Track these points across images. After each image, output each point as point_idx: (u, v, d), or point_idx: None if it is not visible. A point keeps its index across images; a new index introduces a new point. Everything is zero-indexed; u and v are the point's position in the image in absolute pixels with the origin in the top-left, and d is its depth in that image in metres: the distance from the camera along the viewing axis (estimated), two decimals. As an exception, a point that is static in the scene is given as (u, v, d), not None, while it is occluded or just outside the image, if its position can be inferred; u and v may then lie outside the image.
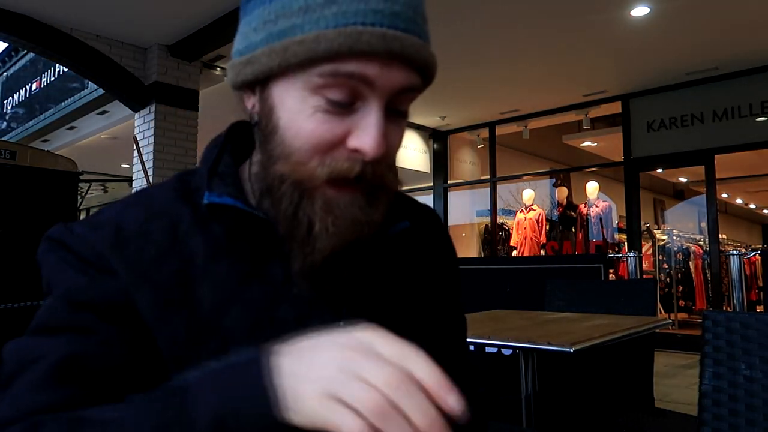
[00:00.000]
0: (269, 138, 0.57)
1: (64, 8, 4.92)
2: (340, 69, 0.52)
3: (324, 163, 0.54)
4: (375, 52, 0.52)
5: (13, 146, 5.08)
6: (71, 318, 0.53)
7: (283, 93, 0.56)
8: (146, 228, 0.57)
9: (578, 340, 1.64)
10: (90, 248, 0.55)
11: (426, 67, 0.58)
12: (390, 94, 0.55)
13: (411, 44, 0.54)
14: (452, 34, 5.37)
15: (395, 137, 0.58)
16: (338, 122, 0.54)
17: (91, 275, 0.55)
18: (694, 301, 7.95)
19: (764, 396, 1.12)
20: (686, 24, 5.14)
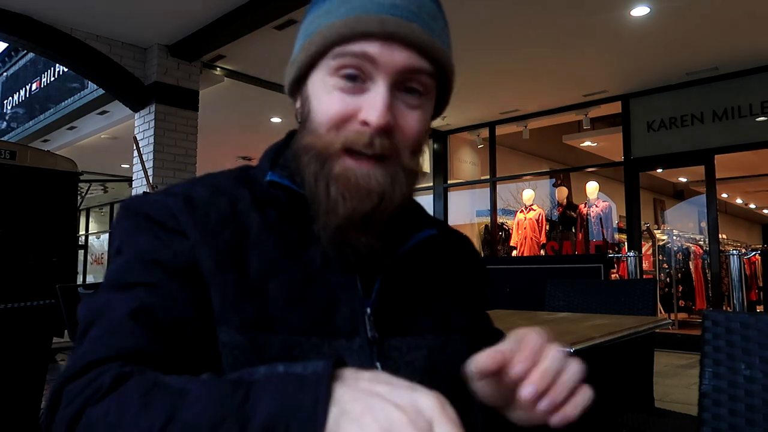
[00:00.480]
0: (306, 123, 0.67)
1: (64, 8, 4.92)
2: (347, 49, 0.62)
3: (339, 134, 0.62)
4: (373, 33, 0.61)
5: (13, 146, 5.08)
6: (142, 274, 0.60)
7: (314, 82, 0.66)
8: (212, 199, 0.65)
9: (578, 340, 1.64)
10: (165, 210, 0.63)
11: (429, 52, 0.64)
12: (395, 73, 0.63)
13: (408, 28, 0.62)
14: (452, 34, 5.36)
15: (411, 119, 0.65)
16: (351, 99, 0.63)
17: (162, 238, 0.62)
18: (694, 301, 7.95)
19: (764, 396, 1.12)
20: (686, 24, 5.14)
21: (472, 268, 0.82)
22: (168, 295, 0.59)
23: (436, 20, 0.67)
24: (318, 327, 0.62)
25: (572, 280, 3.17)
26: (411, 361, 0.66)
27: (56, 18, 5.10)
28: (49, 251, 4.98)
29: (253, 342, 0.60)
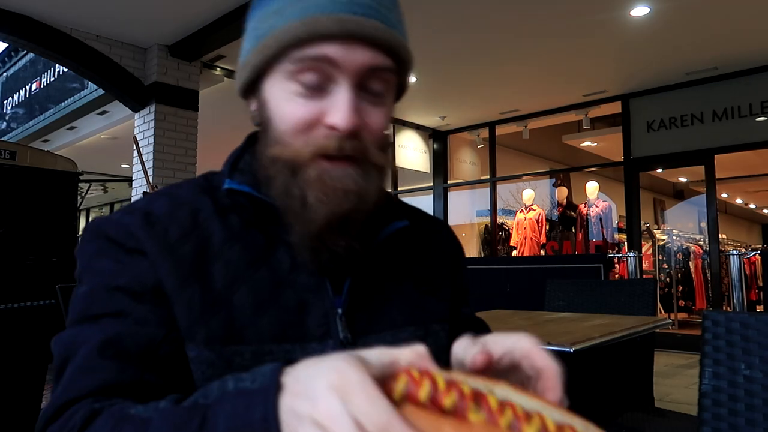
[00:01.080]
0: (266, 129, 0.64)
1: (64, 8, 4.92)
2: (307, 53, 0.60)
3: (307, 142, 0.61)
4: (332, 34, 0.59)
5: (13, 146, 5.08)
6: (107, 303, 0.59)
7: (271, 86, 0.63)
8: (172, 213, 0.64)
9: (578, 340, 1.64)
10: (123, 229, 0.62)
11: (392, 48, 0.62)
12: (358, 74, 0.60)
13: (369, 26, 0.60)
14: (452, 34, 5.37)
15: (376, 117, 0.63)
16: (314, 104, 0.61)
17: (123, 261, 0.61)
18: (694, 301, 7.95)
19: (764, 396, 1.12)
20: (686, 24, 5.14)
21: (448, 255, 0.80)
22: (136, 321, 0.59)
23: (392, 11, 0.64)
24: (289, 332, 0.62)
25: (572, 280, 3.17)
26: None
27: (56, 18, 5.10)
28: (49, 251, 4.99)
29: (221, 356, 0.59)
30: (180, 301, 0.60)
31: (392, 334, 0.67)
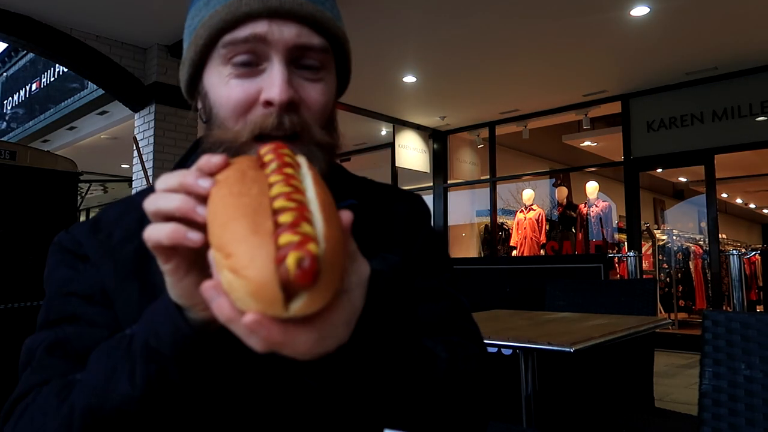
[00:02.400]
0: (209, 120, 0.65)
1: (64, 8, 4.92)
2: (236, 36, 0.61)
3: (246, 123, 0.61)
4: (255, 12, 0.60)
5: (13, 146, 5.08)
6: (63, 308, 0.63)
7: (210, 77, 0.65)
8: (120, 218, 0.68)
9: (578, 340, 1.64)
10: (72, 239, 0.67)
11: (318, 23, 0.63)
12: (288, 49, 0.61)
13: (293, 2, 0.61)
14: (452, 34, 5.37)
15: (314, 92, 0.63)
16: (249, 84, 0.62)
17: (77, 268, 0.65)
18: (694, 301, 7.95)
19: (764, 396, 1.12)
20: (686, 24, 5.14)
21: (402, 227, 0.76)
22: (87, 322, 0.62)
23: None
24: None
25: (572, 280, 3.17)
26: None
27: (56, 18, 5.10)
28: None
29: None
30: (120, 298, 0.63)
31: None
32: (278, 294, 0.38)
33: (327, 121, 0.65)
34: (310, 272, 0.37)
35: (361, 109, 7.59)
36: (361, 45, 5.61)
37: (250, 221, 0.40)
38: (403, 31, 5.34)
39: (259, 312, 0.38)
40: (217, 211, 0.43)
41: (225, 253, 0.39)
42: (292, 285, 0.38)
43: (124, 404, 0.51)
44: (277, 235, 0.39)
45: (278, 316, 0.38)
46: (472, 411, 0.65)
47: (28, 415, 0.56)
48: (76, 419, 0.52)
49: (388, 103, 7.53)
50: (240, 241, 0.39)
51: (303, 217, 0.40)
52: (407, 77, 6.56)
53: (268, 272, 0.38)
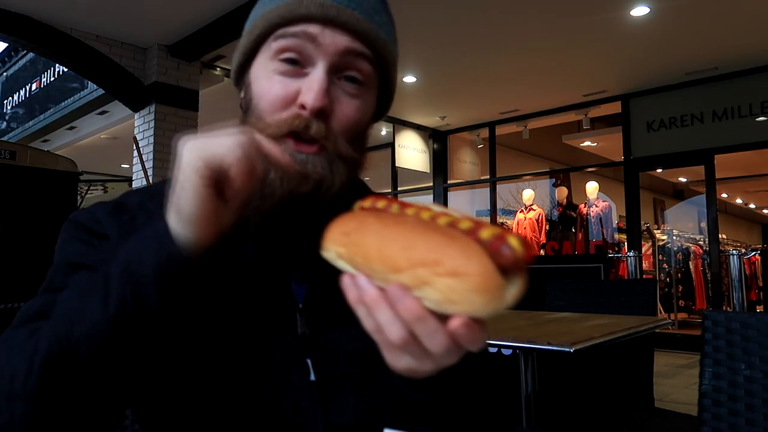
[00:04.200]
0: (248, 110, 0.66)
1: (64, 8, 4.92)
2: (288, 30, 0.63)
3: (277, 120, 0.62)
4: (312, 15, 0.62)
5: (13, 146, 5.08)
6: (68, 277, 0.62)
7: (257, 68, 0.66)
8: (143, 204, 0.67)
9: (578, 340, 1.64)
10: (92, 217, 0.66)
11: (369, 38, 0.64)
12: (334, 55, 0.63)
13: (348, 14, 0.63)
14: (452, 34, 5.37)
15: (348, 107, 0.64)
16: (291, 82, 0.63)
17: (93, 244, 0.64)
18: (694, 301, 7.95)
19: (764, 396, 1.12)
20: (686, 24, 5.14)
21: None
22: None
23: (378, 13, 0.67)
24: (247, 324, 0.62)
25: (572, 280, 3.17)
26: (352, 351, 0.65)
27: (56, 18, 5.10)
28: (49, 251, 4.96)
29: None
30: None
31: (356, 328, 0.66)
32: (501, 281, 0.40)
33: (356, 137, 0.66)
34: (530, 250, 0.41)
35: (361, 109, 7.58)
36: (361, 45, 5.61)
37: (437, 234, 0.42)
38: (403, 31, 5.32)
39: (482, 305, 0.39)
40: (385, 241, 0.44)
41: (431, 265, 0.40)
42: (508, 270, 0.41)
43: (93, 329, 0.50)
44: (474, 235, 0.41)
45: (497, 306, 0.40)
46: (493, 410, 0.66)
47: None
48: (41, 349, 0.50)
49: (388, 103, 7.53)
50: (442, 249, 0.40)
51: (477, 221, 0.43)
52: (407, 77, 6.56)
53: (487, 263, 0.40)
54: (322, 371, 0.63)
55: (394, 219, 0.46)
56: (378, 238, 0.44)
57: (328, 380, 0.63)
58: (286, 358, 0.62)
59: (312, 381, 0.63)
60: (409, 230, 0.43)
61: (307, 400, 0.62)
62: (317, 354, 0.64)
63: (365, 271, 0.45)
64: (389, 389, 0.63)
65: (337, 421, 0.62)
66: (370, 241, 0.45)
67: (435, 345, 0.43)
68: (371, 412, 0.64)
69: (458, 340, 0.42)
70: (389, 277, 0.43)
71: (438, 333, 0.43)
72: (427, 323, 0.42)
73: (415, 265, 0.41)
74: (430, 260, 0.41)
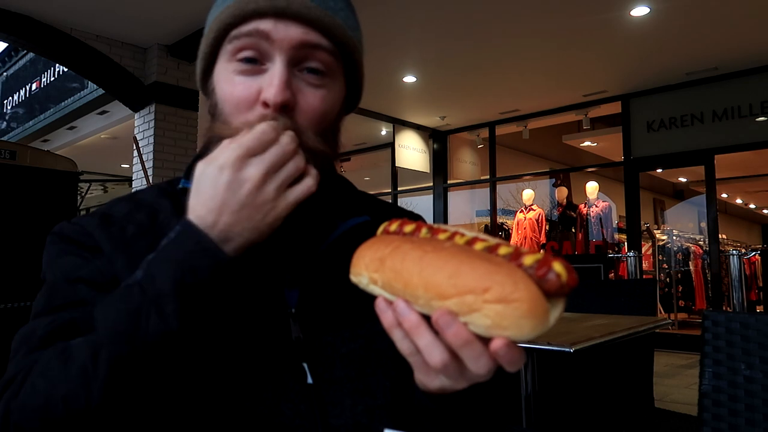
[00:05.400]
0: (214, 116, 0.66)
1: (64, 8, 4.92)
2: (242, 30, 0.62)
3: (244, 120, 0.62)
4: (263, 10, 0.61)
5: (13, 146, 5.08)
6: (70, 293, 0.61)
7: (218, 73, 0.66)
8: (131, 215, 0.67)
9: (578, 340, 1.64)
10: (81, 230, 0.65)
11: (326, 28, 0.63)
12: (291, 49, 0.62)
13: (298, 2, 0.62)
14: (452, 34, 5.37)
15: (312, 98, 0.63)
16: (251, 81, 0.63)
17: (85, 256, 0.63)
18: (693, 301, 7.95)
19: (764, 396, 1.12)
20: (686, 24, 5.13)
21: None
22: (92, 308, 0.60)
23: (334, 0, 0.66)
24: (243, 330, 0.62)
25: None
26: (347, 353, 0.65)
27: (56, 18, 5.10)
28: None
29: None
30: None
31: (350, 330, 0.66)
32: (547, 306, 0.42)
33: (326, 129, 0.65)
34: (574, 274, 0.42)
35: (361, 109, 7.58)
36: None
37: (481, 261, 0.43)
38: (403, 31, 5.34)
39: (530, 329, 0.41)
40: (427, 267, 0.45)
41: (480, 292, 0.42)
42: (552, 294, 0.42)
43: (159, 343, 0.52)
44: (516, 261, 0.43)
45: (543, 329, 0.42)
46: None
47: (28, 386, 0.53)
48: (100, 372, 0.51)
49: (388, 103, 7.53)
50: (490, 276, 0.42)
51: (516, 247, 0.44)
52: (407, 77, 6.56)
53: (534, 289, 0.41)
54: (318, 374, 0.63)
55: (432, 245, 0.46)
56: (419, 265, 0.45)
57: (325, 383, 0.63)
58: (282, 364, 0.62)
59: (309, 384, 0.63)
60: (451, 257, 0.44)
61: (306, 404, 0.61)
62: (313, 358, 0.64)
63: (404, 296, 0.46)
64: (385, 390, 0.64)
65: (336, 423, 0.62)
66: (410, 268, 0.46)
67: (479, 367, 0.45)
68: (369, 413, 0.64)
69: (501, 361, 0.44)
70: (434, 303, 0.44)
71: (483, 356, 0.44)
72: (473, 348, 0.44)
73: (463, 292, 0.42)
74: (479, 288, 0.42)
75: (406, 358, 0.50)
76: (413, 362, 0.50)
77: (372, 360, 0.66)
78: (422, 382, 0.53)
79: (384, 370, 0.66)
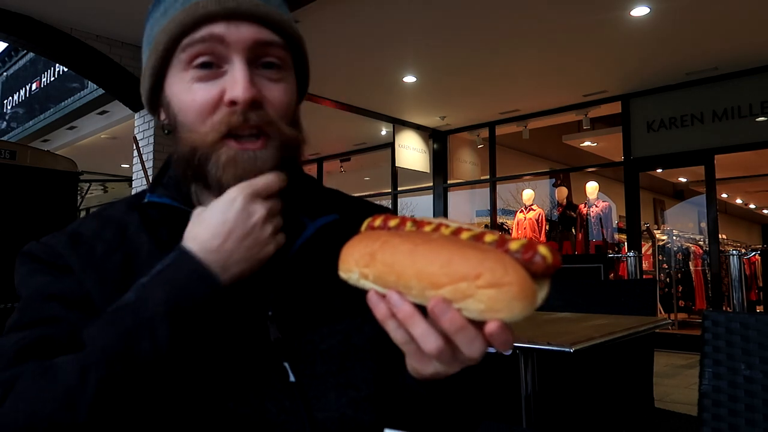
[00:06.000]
0: (175, 129, 0.66)
1: (64, 8, 4.92)
2: (194, 37, 0.62)
3: (213, 124, 0.62)
4: (213, 14, 0.62)
5: (13, 146, 5.08)
6: (41, 310, 0.62)
7: (172, 85, 0.65)
8: (99, 232, 0.68)
9: (578, 340, 1.64)
10: (50, 250, 0.66)
11: (274, 23, 0.65)
12: (247, 49, 0.63)
13: (247, 2, 0.63)
14: (452, 34, 5.36)
15: (276, 91, 0.65)
16: (212, 86, 0.63)
17: (55, 275, 0.64)
18: (693, 301, 7.95)
19: (764, 396, 1.12)
20: (686, 24, 5.13)
21: None
22: (68, 324, 0.61)
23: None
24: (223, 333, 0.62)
25: (572, 280, 3.17)
26: (327, 349, 0.66)
27: (56, 18, 5.10)
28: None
29: None
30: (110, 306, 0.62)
31: (328, 327, 0.67)
32: (535, 287, 0.44)
33: (291, 119, 0.67)
34: (558, 256, 0.45)
35: (361, 109, 7.59)
36: (361, 45, 5.61)
37: (470, 250, 0.45)
38: (403, 31, 5.34)
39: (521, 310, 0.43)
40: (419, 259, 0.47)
41: (473, 279, 0.44)
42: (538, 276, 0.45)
43: (149, 364, 0.53)
44: (502, 247, 0.45)
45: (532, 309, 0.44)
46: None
47: (9, 404, 0.53)
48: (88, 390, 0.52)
49: (388, 103, 7.53)
50: (481, 263, 0.44)
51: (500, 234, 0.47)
52: (407, 77, 6.56)
53: (523, 272, 0.44)
54: (300, 372, 0.64)
55: (421, 238, 0.49)
56: (411, 257, 0.47)
57: (307, 379, 0.64)
58: (263, 364, 0.63)
59: (292, 382, 0.64)
60: (441, 248, 0.47)
61: (290, 400, 0.63)
62: (293, 357, 0.65)
63: (397, 288, 0.48)
64: (368, 382, 0.67)
65: (321, 416, 0.63)
66: (402, 260, 0.48)
67: (473, 351, 0.47)
68: (354, 405, 0.65)
69: (494, 342, 0.46)
70: (427, 293, 0.46)
71: (477, 339, 0.47)
72: (467, 332, 0.46)
73: (456, 280, 0.45)
74: (471, 274, 0.44)
75: (400, 347, 0.52)
76: (407, 350, 0.52)
77: (351, 354, 0.68)
78: (416, 369, 0.55)
79: (364, 363, 0.68)
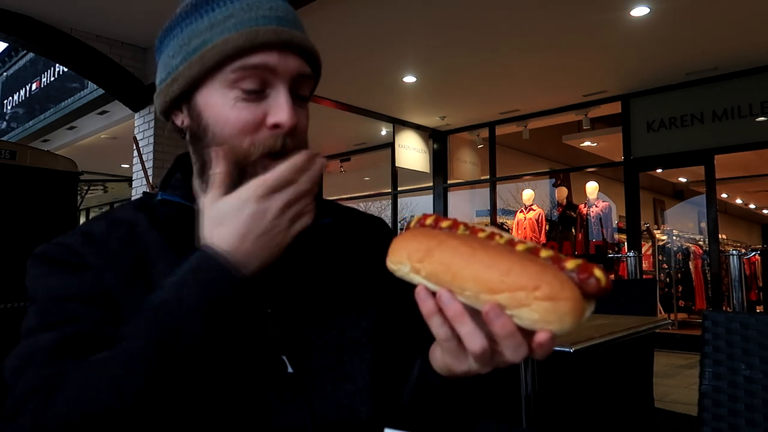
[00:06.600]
0: (202, 137, 0.70)
1: (64, 8, 4.92)
2: (247, 62, 0.67)
3: (254, 142, 0.67)
4: (271, 43, 0.67)
5: (13, 146, 5.07)
6: (60, 311, 0.64)
7: (207, 96, 0.69)
8: (110, 231, 0.71)
9: (578, 340, 1.64)
10: (65, 249, 0.68)
11: (314, 56, 0.72)
12: (291, 80, 0.69)
13: (298, 35, 0.69)
14: (452, 34, 5.36)
15: (303, 118, 0.72)
16: (255, 107, 0.68)
17: (71, 275, 0.66)
18: (693, 301, 7.95)
19: (764, 396, 1.12)
20: (686, 24, 5.13)
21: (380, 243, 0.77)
22: (92, 322, 0.64)
23: (300, 22, 0.73)
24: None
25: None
26: (324, 345, 0.71)
27: (56, 18, 5.10)
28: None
29: None
30: (127, 300, 0.65)
31: (324, 323, 0.72)
32: (585, 306, 0.48)
33: (306, 140, 0.73)
34: (610, 279, 0.49)
35: (361, 109, 7.59)
36: (361, 45, 5.61)
37: (528, 262, 0.49)
38: (403, 31, 5.34)
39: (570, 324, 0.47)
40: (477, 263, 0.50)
41: (531, 290, 0.47)
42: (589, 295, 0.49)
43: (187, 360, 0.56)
44: (558, 264, 0.49)
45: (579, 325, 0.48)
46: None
47: (60, 399, 0.55)
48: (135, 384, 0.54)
49: (388, 103, 7.53)
50: (539, 276, 0.47)
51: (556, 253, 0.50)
52: (407, 77, 6.56)
53: (577, 291, 0.48)
54: (298, 365, 0.68)
55: (479, 243, 0.52)
56: (470, 261, 0.50)
57: (305, 373, 0.68)
58: (263, 357, 0.67)
59: (290, 373, 0.68)
60: (500, 256, 0.50)
61: (290, 390, 0.67)
62: (291, 351, 0.68)
63: (450, 287, 0.51)
64: (363, 374, 0.71)
65: (320, 405, 0.67)
66: (460, 262, 0.51)
67: (517, 356, 0.51)
68: (350, 396, 0.70)
69: (540, 350, 0.50)
70: (482, 296, 0.49)
71: (522, 346, 0.50)
72: (515, 338, 0.50)
73: (514, 288, 0.48)
74: (529, 285, 0.47)
75: (440, 343, 0.56)
76: (447, 347, 0.55)
77: (347, 348, 0.72)
78: (449, 365, 0.58)
79: (360, 356, 0.72)
